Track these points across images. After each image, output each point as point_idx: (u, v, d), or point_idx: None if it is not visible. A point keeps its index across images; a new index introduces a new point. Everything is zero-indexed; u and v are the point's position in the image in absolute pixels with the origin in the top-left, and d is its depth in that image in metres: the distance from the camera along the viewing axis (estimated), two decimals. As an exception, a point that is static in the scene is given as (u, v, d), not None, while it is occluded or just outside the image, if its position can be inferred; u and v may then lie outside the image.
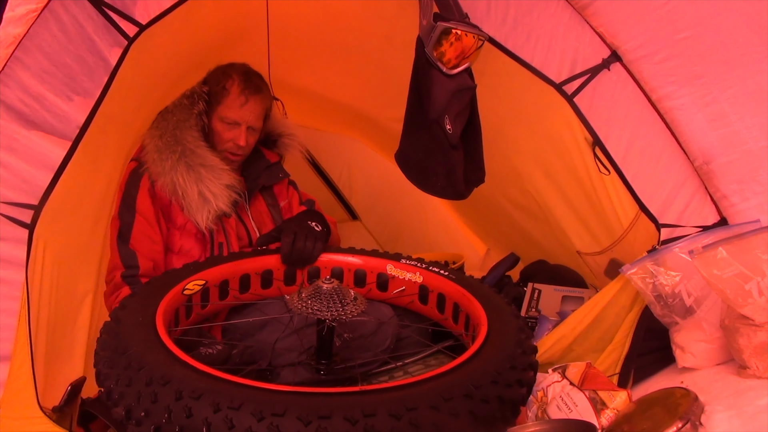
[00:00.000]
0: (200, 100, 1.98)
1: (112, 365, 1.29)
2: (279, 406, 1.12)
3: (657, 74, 1.72)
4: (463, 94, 1.66)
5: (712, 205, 1.75)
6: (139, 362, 1.25)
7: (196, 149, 1.93)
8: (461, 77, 1.65)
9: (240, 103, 2.00)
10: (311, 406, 1.13)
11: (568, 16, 1.75)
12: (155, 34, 1.61)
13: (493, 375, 1.26)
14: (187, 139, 1.93)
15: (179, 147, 1.91)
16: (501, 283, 2.49)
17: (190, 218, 1.92)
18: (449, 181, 1.73)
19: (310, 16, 2.13)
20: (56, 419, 1.42)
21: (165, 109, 1.98)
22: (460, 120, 1.69)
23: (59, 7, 1.48)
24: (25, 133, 1.49)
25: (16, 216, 1.48)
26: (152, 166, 1.91)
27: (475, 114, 1.74)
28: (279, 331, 1.74)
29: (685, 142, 1.74)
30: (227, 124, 2.00)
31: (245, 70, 2.05)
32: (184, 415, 1.13)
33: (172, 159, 1.90)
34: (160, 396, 1.16)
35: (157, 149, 1.91)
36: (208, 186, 1.90)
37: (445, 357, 1.93)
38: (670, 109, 1.73)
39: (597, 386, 1.50)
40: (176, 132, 1.92)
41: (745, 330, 1.53)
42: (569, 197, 2.08)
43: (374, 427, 1.10)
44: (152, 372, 1.21)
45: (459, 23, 1.61)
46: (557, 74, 1.78)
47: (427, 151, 1.70)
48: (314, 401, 1.15)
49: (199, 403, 1.13)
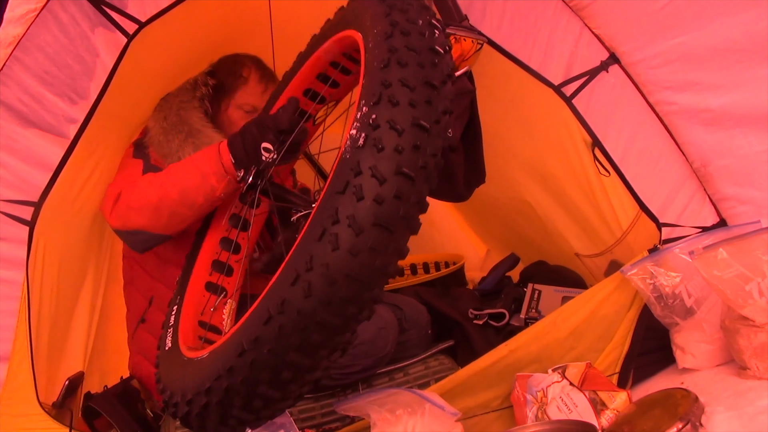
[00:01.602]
0: (203, 85, 1.94)
1: None
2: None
3: (654, 77, 1.73)
4: (461, 98, 1.66)
5: (711, 206, 1.75)
6: None
7: (202, 129, 1.89)
8: (460, 81, 1.64)
9: (261, 90, 1.98)
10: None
11: (566, 18, 1.75)
12: (154, 32, 1.61)
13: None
14: (193, 119, 1.89)
15: (185, 127, 1.87)
16: (501, 283, 2.49)
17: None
18: (449, 183, 1.73)
19: (311, 17, 2.13)
20: (55, 415, 1.42)
21: (167, 94, 1.95)
22: (459, 123, 1.69)
23: (58, 7, 1.49)
24: (24, 132, 1.50)
25: (16, 213, 1.48)
26: (158, 148, 1.85)
27: (475, 117, 1.74)
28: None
29: (683, 144, 1.75)
30: (245, 112, 1.97)
31: (257, 59, 2.04)
32: None
33: (179, 138, 1.85)
34: None
35: (162, 131, 1.86)
36: None
37: (444, 357, 1.92)
38: (668, 112, 1.74)
39: (597, 387, 1.50)
40: (181, 112, 1.89)
41: (746, 331, 1.52)
42: (568, 199, 2.08)
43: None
44: None
45: (457, 28, 1.60)
46: (555, 76, 1.79)
47: None
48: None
49: None
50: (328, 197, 1.06)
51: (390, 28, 1.18)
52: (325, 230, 1.03)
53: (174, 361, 1.37)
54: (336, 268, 1.02)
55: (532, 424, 1.45)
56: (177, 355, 1.38)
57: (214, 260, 1.72)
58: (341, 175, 1.05)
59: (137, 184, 1.71)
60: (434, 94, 1.10)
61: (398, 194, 1.03)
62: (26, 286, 1.46)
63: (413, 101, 1.07)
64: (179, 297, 1.66)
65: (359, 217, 1.01)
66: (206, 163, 1.62)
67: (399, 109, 1.06)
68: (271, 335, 1.06)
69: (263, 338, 1.07)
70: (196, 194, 1.63)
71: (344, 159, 1.07)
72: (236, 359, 1.10)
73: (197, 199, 1.64)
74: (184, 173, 1.66)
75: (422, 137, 1.06)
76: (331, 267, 1.02)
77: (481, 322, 2.10)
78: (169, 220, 1.68)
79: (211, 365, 1.18)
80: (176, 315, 1.58)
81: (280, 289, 1.07)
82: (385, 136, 1.04)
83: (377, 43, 1.18)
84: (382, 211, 1.02)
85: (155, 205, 1.65)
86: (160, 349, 1.54)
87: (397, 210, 1.04)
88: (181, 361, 1.34)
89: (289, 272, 1.06)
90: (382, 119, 1.05)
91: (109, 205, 1.71)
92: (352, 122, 1.10)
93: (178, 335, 1.49)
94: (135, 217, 1.68)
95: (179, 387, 1.25)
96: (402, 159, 1.03)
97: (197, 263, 1.72)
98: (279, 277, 1.10)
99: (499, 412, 1.67)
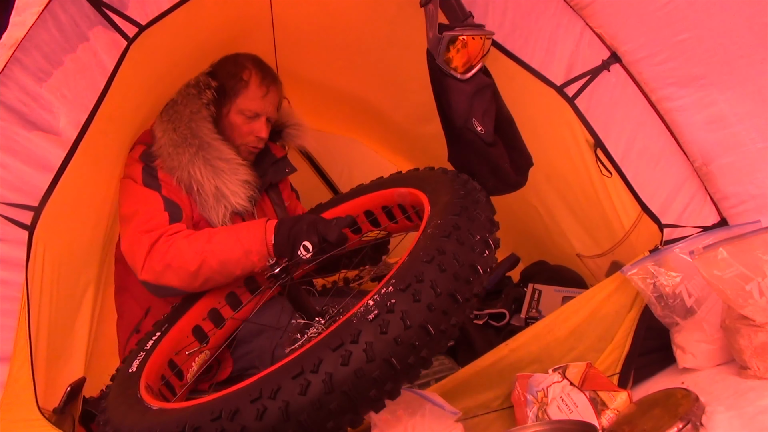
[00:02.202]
0: (207, 89, 1.91)
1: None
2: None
3: (656, 76, 1.72)
4: (483, 93, 1.67)
5: (712, 205, 1.75)
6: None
7: (213, 142, 1.87)
8: (477, 78, 1.65)
9: (262, 94, 1.95)
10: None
11: (567, 18, 1.75)
12: (155, 35, 1.60)
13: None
14: (204, 132, 1.87)
15: (196, 140, 1.85)
16: (501, 283, 2.48)
17: (203, 215, 1.86)
18: (497, 177, 1.73)
19: (312, 17, 2.13)
20: (56, 421, 1.42)
21: (173, 100, 1.91)
22: (488, 117, 1.69)
23: (57, 7, 1.48)
24: (25, 134, 1.49)
25: (16, 217, 1.48)
26: (167, 160, 1.83)
27: (501, 106, 1.75)
28: (277, 337, 1.71)
29: (684, 143, 1.74)
30: (247, 117, 1.95)
31: (258, 60, 2.01)
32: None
33: (190, 152, 1.83)
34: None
35: (172, 143, 1.84)
36: (225, 181, 1.85)
37: (444, 357, 1.92)
38: (670, 110, 1.73)
39: (597, 387, 1.50)
40: (191, 125, 1.86)
41: (746, 330, 1.52)
42: (570, 199, 2.08)
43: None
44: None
45: (464, 28, 1.61)
46: (557, 75, 1.78)
47: (465, 158, 1.71)
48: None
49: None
50: (320, 346, 1.16)
51: (450, 229, 1.29)
52: (302, 371, 1.13)
53: (131, 399, 1.38)
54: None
55: (532, 424, 1.45)
56: (134, 393, 1.40)
57: (213, 308, 1.75)
58: (340, 333, 1.15)
59: (176, 244, 1.69)
60: (454, 307, 1.20)
61: (378, 377, 1.13)
62: (26, 292, 1.45)
63: (432, 305, 1.17)
64: (166, 326, 1.68)
65: (336, 376, 1.11)
66: (251, 240, 1.68)
67: (417, 307, 1.16)
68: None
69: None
70: (236, 267, 1.69)
71: (350, 321, 1.17)
72: (209, 423, 1.15)
73: (235, 271, 1.70)
74: (226, 245, 1.69)
75: (424, 339, 1.16)
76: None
77: (481, 322, 2.11)
78: (203, 285, 1.71)
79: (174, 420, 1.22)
80: (155, 342, 1.61)
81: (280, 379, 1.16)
82: (393, 323, 1.14)
83: (434, 233, 1.29)
84: (358, 383, 1.13)
85: (194, 271, 1.67)
86: (122, 367, 1.55)
87: (369, 389, 1.14)
88: (140, 406, 1.35)
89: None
90: (399, 308, 1.15)
91: (141, 258, 1.70)
92: (374, 292, 1.20)
93: (145, 365, 1.52)
94: (171, 276, 1.69)
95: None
96: (396, 349, 1.14)
97: (198, 303, 1.75)
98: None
99: (500, 412, 1.67)
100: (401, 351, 1.14)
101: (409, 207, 1.76)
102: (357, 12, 2.02)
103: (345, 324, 1.17)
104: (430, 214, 1.40)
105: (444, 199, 1.44)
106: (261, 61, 2.02)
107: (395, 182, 1.81)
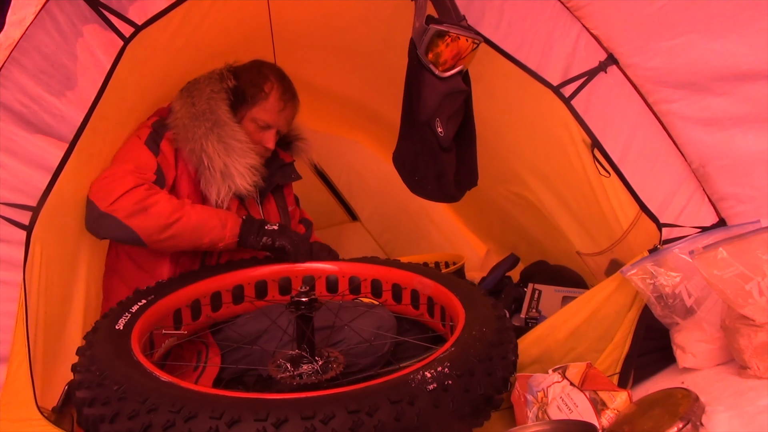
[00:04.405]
0: (228, 80, 1.96)
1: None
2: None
3: (652, 78, 1.73)
4: (455, 97, 1.66)
5: (710, 206, 1.75)
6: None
7: (228, 122, 1.91)
8: (454, 80, 1.64)
9: (279, 108, 2.00)
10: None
11: (564, 19, 1.75)
12: (152, 36, 1.60)
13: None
14: (221, 110, 1.91)
15: (213, 116, 1.89)
16: (501, 283, 2.49)
17: (205, 191, 1.89)
18: (439, 183, 1.73)
19: (309, 18, 2.13)
20: (55, 420, 1.41)
21: (195, 80, 1.96)
22: (452, 123, 1.68)
23: (55, 7, 1.48)
24: (23, 134, 1.50)
25: (14, 218, 1.48)
26: (182, 131, 1.87)
27: (469, 117, 1.74)
28: (276, 339, 1.72)
29: (682, 145, 1.75)
30: (259, 126, 1.99)
31: (281, 74, 2.05)
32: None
33: (205, 126, 1.87)
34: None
35: (190, 115, 1.88)
36: (234, 161, 1.88)
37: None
38: (667, 112, 1.74)
39: (597, 387, 1.50)
40: (210, 102, 1.90)
41: (746, 330, 1.52)
42: (568, 199, 2.08)
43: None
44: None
45: (452, 26, 1.60)
46: (554, 77, 1.78)
47: (417, 153, 1.70)
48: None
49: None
50: (378, 393, 1.20)
51: (496, 341, 1.40)
52: (359, 410, 1.15)
53: (126, 359, 1.34)
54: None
55: (532, 424, 1.44)
56: (128, 353, 1.36)
57: (197, 299, 1.75)
58: (398, 390, 1.21)
59: (159, 194, 1.76)
60: (484, 405, 1.30)
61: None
62: (23, 292, 1.45)
63: (473, 400, 1.27)
64: (154, 297, 1.65)
65: (386, 426, 1.15)
66: (227, 215, 1.85)
67: (465, 397, 1.26)
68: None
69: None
70: (208, 233, 1.80)
71: (407, 382, 1.23)
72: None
73: (205, 238, 1.81)
74: (206, 212, 1.83)
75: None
76: None
77: (481, 323, 2.10)
78: (165, 240, 1.76)
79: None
80: (142, 308, 1.57)
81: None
82: (444, 403, 1.23)
83: (482, 338, 1.39)
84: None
85: (168, 223, 1.74)
86: (104, 322, 1.49)
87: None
88: (140, 368, 1.31)
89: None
90: (452, 392, 1.24)
91: (117, 193, 1.69)
92: (429, 363, 1.29)
93: (133, 327, 1.47)
94: (141, 220, 1.71)
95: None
96: (440, 422, 1.22)
97: (192, 286, 1.75)
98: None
99: (499, 412, 1.66)
100: (443, 424, 1.22)
101: (423, 297, 1.80)
102: (354, 13, 2.03)
103: (403, 383, 1.23)
104: (467, 319, 1.49)
105: (483, 312, 1.52)
106: (284, 76, 2.06)
107: (419, 271, 1.86)
